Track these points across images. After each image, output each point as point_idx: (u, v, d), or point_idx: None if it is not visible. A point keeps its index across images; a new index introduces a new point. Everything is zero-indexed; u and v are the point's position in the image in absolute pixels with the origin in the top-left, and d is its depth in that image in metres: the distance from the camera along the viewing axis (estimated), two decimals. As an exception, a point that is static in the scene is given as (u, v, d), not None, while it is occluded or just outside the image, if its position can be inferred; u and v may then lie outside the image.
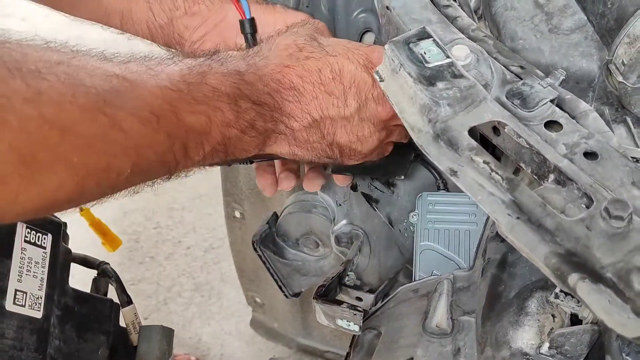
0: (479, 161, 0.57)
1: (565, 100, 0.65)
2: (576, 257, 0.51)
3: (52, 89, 0.55)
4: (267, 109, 0.76)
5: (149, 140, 0.64)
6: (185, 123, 0.67)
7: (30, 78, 0.54)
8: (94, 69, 0.60)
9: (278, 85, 0.77)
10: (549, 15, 0.78)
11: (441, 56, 0.64)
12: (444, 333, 0.81)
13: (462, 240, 0.93)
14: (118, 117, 0.60)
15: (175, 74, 0.67)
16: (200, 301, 2.04)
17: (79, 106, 0.57)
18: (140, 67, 0.65)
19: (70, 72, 0.57)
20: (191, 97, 0.67)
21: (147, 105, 0.63)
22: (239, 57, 0.76)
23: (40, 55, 0.57)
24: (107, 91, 0.59)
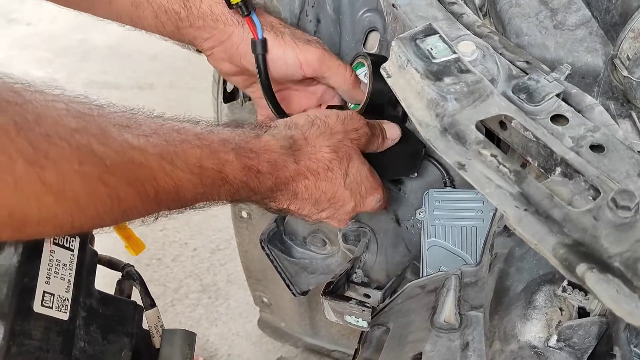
0: (486, 154, 0.58)
1: (571, 94, 0.65)
2: (584, 247, 0.52)
3: (59, 155, 0.58)
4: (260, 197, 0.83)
5: (140, 208, 0.68)
6: (182, 198, 0.72)
7: (38, 141, 0.56)
8: (111, 139, 0.63)
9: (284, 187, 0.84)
10: (553, 11, 0.79)
11: (448, 52, 0.65)
12: (452, 328, 0.82)
13: (469, 237, 0.93)
14: (119, 188, 0.64)
15: (193, 157, 0.71)
16: (208, 302, 2.05)
17: (82, 176, 0.60)
18: (160, 142, 0.68)
19: (83, 142, 0.60)
20: (199, 181, 0.72)
21: (153, 181, 0.67)
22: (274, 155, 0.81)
23: (56, 120, 0.59)
24: (115, 164, 0.63)
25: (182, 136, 0.71)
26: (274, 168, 0.81)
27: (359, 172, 0.89)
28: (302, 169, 0.84)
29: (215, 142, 0.75)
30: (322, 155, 0.85)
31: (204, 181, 0.73)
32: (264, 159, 0.79)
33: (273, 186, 0.82)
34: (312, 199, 0.87)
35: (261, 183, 0.80)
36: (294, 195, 0.85)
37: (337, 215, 0.90)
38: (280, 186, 0.83)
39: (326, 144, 0.86)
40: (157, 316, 0.87)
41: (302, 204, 0.87)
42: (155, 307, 0.87)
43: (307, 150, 0.85)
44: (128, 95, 2.77)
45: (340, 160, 0.87)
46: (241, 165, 0.77)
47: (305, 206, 0.87)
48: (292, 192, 0.85)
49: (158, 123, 0.71)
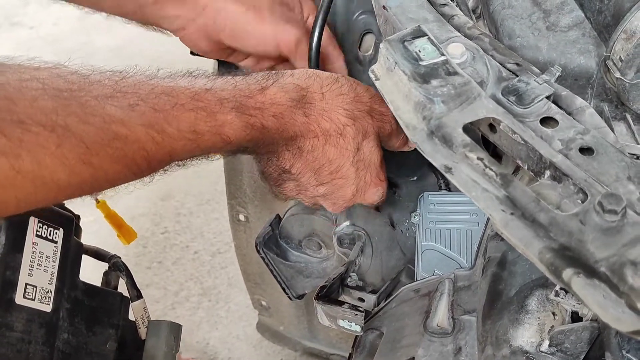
0: (473, 157, 0.57)
1: (562, 96, 0.64)
2: (570, 251, 0.51)
3: (34, 141, 0.55)
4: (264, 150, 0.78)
5: (131, 178, 0.65)
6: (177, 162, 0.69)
7: (11, 129, 0.54)
8: (93, 114, 0.59)
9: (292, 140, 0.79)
10: (546, 12, 0.78)
11: (436, 54, 0.64)
12: (445, 332, 0.81)
13: (463, 240, 0.93)
14: (104, 166, 0.60)
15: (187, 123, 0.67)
16: (208, 305, 2.04)
17: (61, 158, 0.57)
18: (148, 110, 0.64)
19: (60, 122, 0.57)
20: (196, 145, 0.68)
21: (144, 152, 0.63)
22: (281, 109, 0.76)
23: (31, 102, 0.56)
24: (98, 142, 0.59)
25: (173, 99, 0.67)
26: (281, 122, 0.75)
27: (372, 154, 0.82)
28: (312, 125, 0.78)
29: (212, 103, 0.70)
30: (337, 116, 0.79)
31: (201, 145, 0.69)
32: (269, 113, 0.74)
33: (279, 139, 0.77)
34: (316, 164, 0.80)
35: (266, 137, 0.75)
36: (299, 153, 0.79)
37: (335, 196, 0.84)
38: (287, 140, 0.77)
39: (345, 106, 0.79)
40: (143, 307, 0.88)
41: (304, 167, 0.80)
42: (142, 298, 0.87)
43: (320, 106, 0.78)
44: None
45: (357, 130, 0.80)
46: (243, 124, 0.71)
47: (306, 171, 0.81)
48: (298, 148, 0.78)
49: (148, 87, 0.66)
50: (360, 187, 0.84)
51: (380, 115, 0.83)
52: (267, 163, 0.82)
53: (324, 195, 0.85)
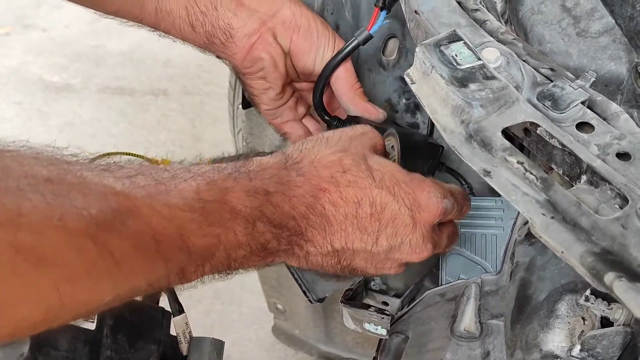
0: (513, 161, 0.58)
1: (597, 101, 0.65)
2: (612, 255, 0.51)
3: (34, 211, 0.48)
4: (286, 233, 0.69)
5: (143, 269, 0.57)
6: (190, 247, 0.59)
7: (8, 197, 0.47)
8: (90, 186, 0.53)
9: (307, 210, 0.69)
10: (576, 18, 0.78)
11: (472, 58, 0.65)
12: (473, 336, 0.81)
13: (488, 245, 0.93)
14: (111, 244, 0.52)
15: (190, 191, 0.60)
16: (221, 308, 2.05)
17: (65, 232, 0.49)
18: (148, 182, 0.58)
19: (59, 192, 0.50)
20: (204, 218, 0.60)
21: (149, 229, 0.56)
22: (272, 170, 0.69)
23: (26, 170, 0.50)
24: (102, 213, 0.52)
25: (170, 173, 0.61)
26: (281, 184, 0.68)
27: (384, 165, 0.74)
28: (314, 181, 0.70)
29: (208, 171, 0.64)
30: (328, 159, 0.72)
31: (209, 217, 0.61)
32: (265, 175, 0.68)
33: (295, 214, 0.68)
34: (350, 217, 0.71)
35: (277, 208, 0.67)
36: (327, 221, 0.70)
37: (400, 237, 0.73)
38: (300, 208, 0.69)
39: (329, 150, 0.73)
40: (185, 322, 0.85)
41: (345, 233, 0.71)
42: (184, 313, 0.85)
43: (307, 162, 0.72)
44: (142, 102, 2.78)
45: (354, 157, 0.72)
46: (244, 190, 0.65)
47: (350, 235, 0.71)
48: (321, 216, 0.70)
49: (138, 164, 0.61)
50: (408, 202, 0.74)
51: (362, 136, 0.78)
52: (308, 258, 0.74)
53: (392, 246, 0.74)
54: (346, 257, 0.75)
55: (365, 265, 0.77)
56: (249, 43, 0.93)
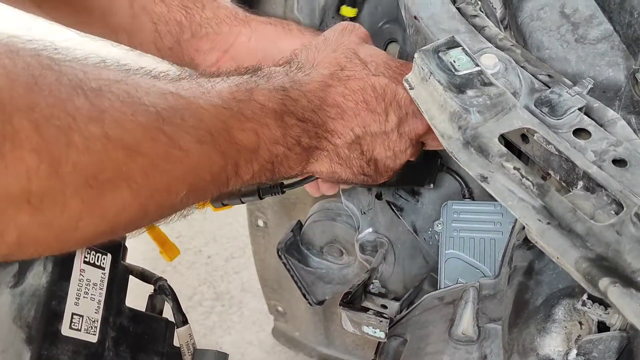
0: (509, 167, 0.58)
1: (593, 108, 0.65)
2: (607, 261, 0.52)
3: (113, 107, 0.54)
4: (311, 126, 0.76)
5: (206, 160, 0.64)
6: (237, 141, 0.66)
7: (93, 96, 0.53)
8: (149, 86, 0.59)
9: (321, 102, 0.77)
10: (575, 25, 0.79)
11: (470, 64, 0.65)
12: (471, 340, 0.82)
13: (487, 249, 0.93)
14: (177, 136, 0.59)
15: (225, 91, 0.67)
16: (221, 310, 2.05)
17: (140, 125, 0.56)
18: (191, 85, 0.65)
19: (128, 90, 0.56)
20: (241, 114, 0.67)
21: (203, 123, 0.63)
22: (282, 73, 0.76)
23: (99, 73, 0.56)
24: (164, 109, 0.59)
25: (205, 77, 0.68)
26: (294, 82, 0.75)
27: (374, 54, 0.83)
28: (319, 79, 0.77)
29: (233, 78, 0.71)
30: (325, 61, 0.80)
31: (245, 113, 0.68)
32: (278, 76, 0.75)
33: (312, 107, 0.75)
34: (360, 103, 0.78)
35: (296, 102, 0.74)
36: (341, 110, 0.78)
37: (404, 109, 0.81)
38: (315, 101, 0.76)
39: (323, 54, 0.80)
40: (188, 334, 0.84)
41: (360, 118, 0.79)
42: (187, 324, 0.84)
43: (308, 66, 0.79)
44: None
45: (346, 54, 0.81)
46: (266, 88, 0.72)
47: (365, 118, 0.79)
48: (335, 106, 0.77)
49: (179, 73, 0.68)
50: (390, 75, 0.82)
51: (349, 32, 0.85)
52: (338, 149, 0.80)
53: (400, 118, 0.81)
54: (367, 145, 0.82)
55: (386, 153, 0.83)
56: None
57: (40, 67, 0.51)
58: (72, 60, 0.55)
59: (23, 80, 0.49)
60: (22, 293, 0.68)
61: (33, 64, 0.51)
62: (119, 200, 0.55)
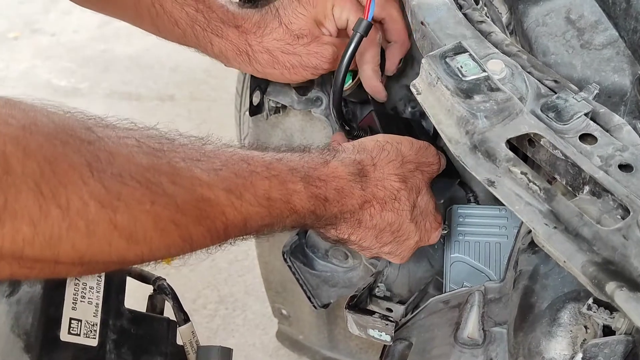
0: (516, 172, 0.59)
1: (599, 113, 0.66)
2: (613, 265, 0.52)
3: (131, 196, 0.56)
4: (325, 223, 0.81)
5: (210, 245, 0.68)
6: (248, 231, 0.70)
7: (111, 182, 0.55)
8: (181, 176, 0.62)
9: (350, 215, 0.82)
10: (580, 31, 0.79)
11: (477, 70, 0.66)
12: (476, 344, 0.82)
13: (492, 253, 0.94)
14: (190, 228, 0.62)
15: (262, 189, 0.70)
16: (225, 313, 2.06)
17: (154, 216, 0.58)
18: (229, 175, 0.67)
19: (154, 180, 0.59)
20: (268, 213, 0.70)
21: (223, 217, 0.65)
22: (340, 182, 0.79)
23: (128, 158, 0.58)
24: (187, 203, 0.61)
25: (250, 167, 0.70)
26: (341, 195, 0.79)
27: (427, 205, 0.87)
28: (369, 196, 0.81)
29: (283, 172, 0.73)
30: (390, 183, 0.83)
31: (272, 212, 0.71)
32: (331, 186, 0.78)
33: (338, 213, 0.80)
34: (376, 229, 0.83)
35: (327, 211, 0.78)
36: (358, 224, 0.82)
37: (400, 250, 0.87)
38: (345, 214, 0.81)
39: (395, 172, 0.83)
40: (191, 332, 0.84)
41: (364, 234, 0.84)
42: (189, 322, 0.84)
43: (374, 177, 0.82)
44: (149, 107, 2.80)
45: (409, 191, 0.84)
46: (309, 194, 0.75)
47: (367, 237, 0.84)
48: (357, 220, 0.82)
49: (228, 153, 0.69)
50: (422, 235, 0.88)
51: (427, 167, 0.87)
52: (325, 234, 0.85)
53: (389, 252, 0.88)
54: (347, 244, 0.87)
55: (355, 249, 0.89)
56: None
57: (62, 145, 0.53)
58: (104, 138, 0.57)
59: (39, 156, 0.51)
60: (18, 301, 0.68)
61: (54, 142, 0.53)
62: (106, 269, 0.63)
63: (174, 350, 0.84)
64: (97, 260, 0.57)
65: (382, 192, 0.82)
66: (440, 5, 0.79)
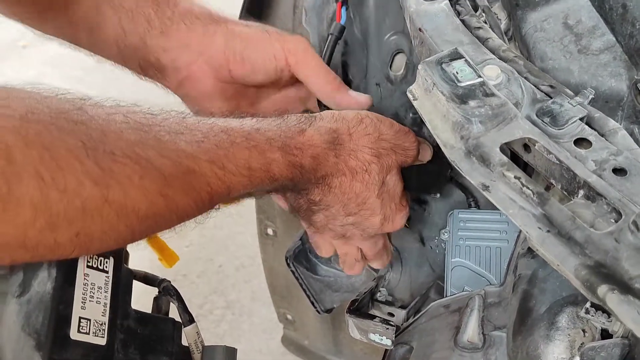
0: (510, 176, 0.59)
1: (595, 118, 0.66)
2: (605, 268, 0.53)
3: (122, 172, 0.59)
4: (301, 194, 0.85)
5: (197, 215, 0.71)
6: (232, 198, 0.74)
7: (104, 160, 0.58)
8: (168, 148, 0.65)
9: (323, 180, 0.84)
10: (578, 36, 0.80)
11: (473, 76, 0.66)
12: (476, 348, 0.83)
13: (493, 257, 0.94)
14: (177, 199, 0.65)
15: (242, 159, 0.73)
16: (231, 319, 2.07)
17: (143, 189, 0.61)
18: (211, 146, 0.70)
19: (143, 155, 0.61)
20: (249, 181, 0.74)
21: (207, 187, 0.68)
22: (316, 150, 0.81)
23: (118, 135, 0.61)
24: (173, 176, 0.64)
25: (230, 138, 0.72)
26: (316, 162, 0.81)
27: (395, 186, 0.88)
28: (341, 165, 0.83)
29: (262, 142, 0.75)
30: (363, 155, 0.84)
31: (253, 181, 0.74)
32: (307, 154, 0.80)
33: (312, 178, 0.82)
34: (344, 197, 0.85)
35: (303, 177, 0.80)
36: (328, 189, 0.84)
37: (364, 225, 0.89)
38: (319, 179, 0.83)
39: (369, 145, 0.85)
40: (196, 332, 0.85)
41: (332, 200, 0.85)
42: (194, 322, 0.85)
43: (348, 146, 0.84)
44: (157, 113, 2.81)
45: (381, 167, 0.86)
46: (286, 162, 0.77)
47: (334, 204, 0.86)
48: (327, 185, 0.84)
49: (208, 125, 0.71)
50: (387, 215, 0.89)
51: (403, 150, 0.88)
52: (297, 198, 0.87)
53: (354, 224, 0.89)
54: (316, 211, 0.88)
55: (321, 222, 0.90)
56: (177, 78, 0.95)
57: (57, 130, 0.56)
58: (95, 117, 0.60)
59: (38, 144, 0.54)
60: (28, 301, 0.69)
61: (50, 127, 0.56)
62: (103, 247, 0.64)
63: (180, 351, 0.85)
64: (93, 237, 0.60)
65: (354, 162, 0.84)
66: (438, 12, 0.79)
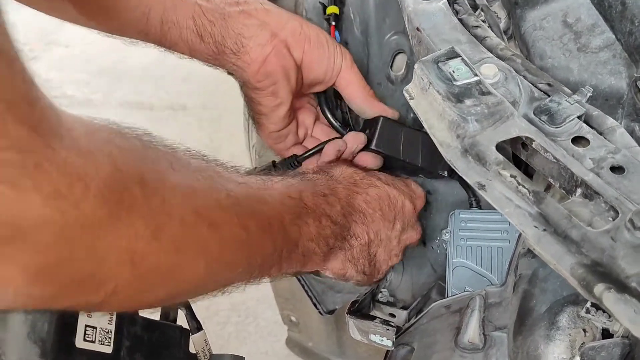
0: (506, 175, 0.59)
1: (593, 116, 0.66)
2: (602, 267, 0.52)
3: (202, 189, 0.64)
4: (339, 229, 0.86)
5: (261, 244, 0.73)
6: (286, 232, 0.77)
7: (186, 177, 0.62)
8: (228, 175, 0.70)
9: (350, 208, 0.87)
10: (577, 34, 0.80)
11: (469, 74, 0.66)
12: (476, 348, 0.82)
13: (494, 257, 0.94)
14: (246, 220, 0.69)
15: (281, 191, 0.78)
16: (237, 321, 2.06)
17: (221, 207, 0.66)
18: (257, 180, 0.75)
19: (213, 177, 0.66)
20: (291, 211, 0.78)
21: (264, 213, 0.73)
22: (323, 182, 0.87)
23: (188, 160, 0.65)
24: (239, 197, 0.69)
25: (264, 179, 0.77)
26: (331, 190, 0.85)
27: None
28: (347, 188, 0.88)
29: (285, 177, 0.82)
30: (348, 172, 0.91)
31: (294, 211, 0.78)
32: (320, 183, 0.85)
33: (344, 212, 0.85)
34: (378, 210, 0.89)
35: (332, 207, 0.84)
36: (364, 215, 0.88)
37: (406, 218, 0.93)
38: (346, 207, 0.86)
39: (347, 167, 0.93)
40: (204, 340, 0.85)
41: (374, 224, 0.89)
42: (202, 330, 0.85)
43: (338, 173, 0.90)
44: (161, 116, 2.82)
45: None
46: (311, 192, 0.82)
47: (378, 225, 0.90)
48: (359, 212, 0.88)
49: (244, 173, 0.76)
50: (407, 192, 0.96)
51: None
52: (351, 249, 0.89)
53: (403, 229, 0.94)
54: (374, 248, 0.91)
55: (384, 256, 0.93)
56: (262, 54, 0.92)
57: (144, 147, 0.59)
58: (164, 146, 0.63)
59: (135, 156, 0.57)
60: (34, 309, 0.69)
61: (138, 145, 0.59)
62: (195, 269, 0.64)
63: (187, 358, 0.84)
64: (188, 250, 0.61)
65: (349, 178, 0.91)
66: (436, 11, 0.79)
